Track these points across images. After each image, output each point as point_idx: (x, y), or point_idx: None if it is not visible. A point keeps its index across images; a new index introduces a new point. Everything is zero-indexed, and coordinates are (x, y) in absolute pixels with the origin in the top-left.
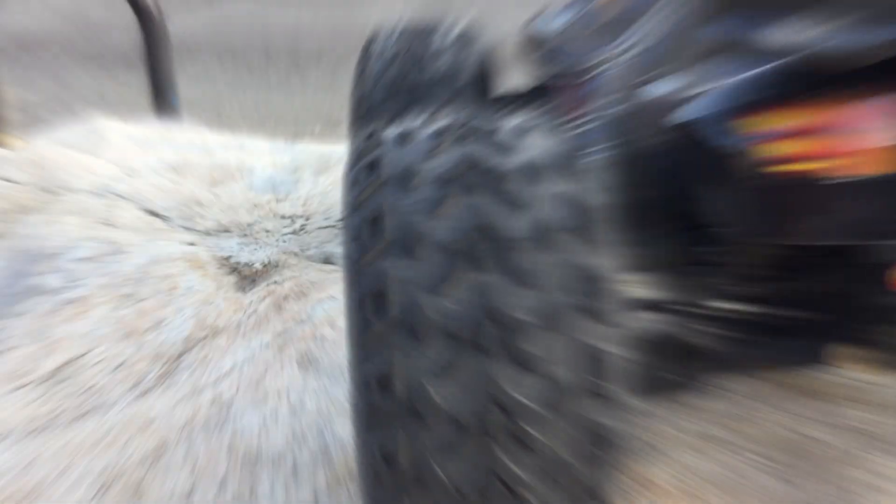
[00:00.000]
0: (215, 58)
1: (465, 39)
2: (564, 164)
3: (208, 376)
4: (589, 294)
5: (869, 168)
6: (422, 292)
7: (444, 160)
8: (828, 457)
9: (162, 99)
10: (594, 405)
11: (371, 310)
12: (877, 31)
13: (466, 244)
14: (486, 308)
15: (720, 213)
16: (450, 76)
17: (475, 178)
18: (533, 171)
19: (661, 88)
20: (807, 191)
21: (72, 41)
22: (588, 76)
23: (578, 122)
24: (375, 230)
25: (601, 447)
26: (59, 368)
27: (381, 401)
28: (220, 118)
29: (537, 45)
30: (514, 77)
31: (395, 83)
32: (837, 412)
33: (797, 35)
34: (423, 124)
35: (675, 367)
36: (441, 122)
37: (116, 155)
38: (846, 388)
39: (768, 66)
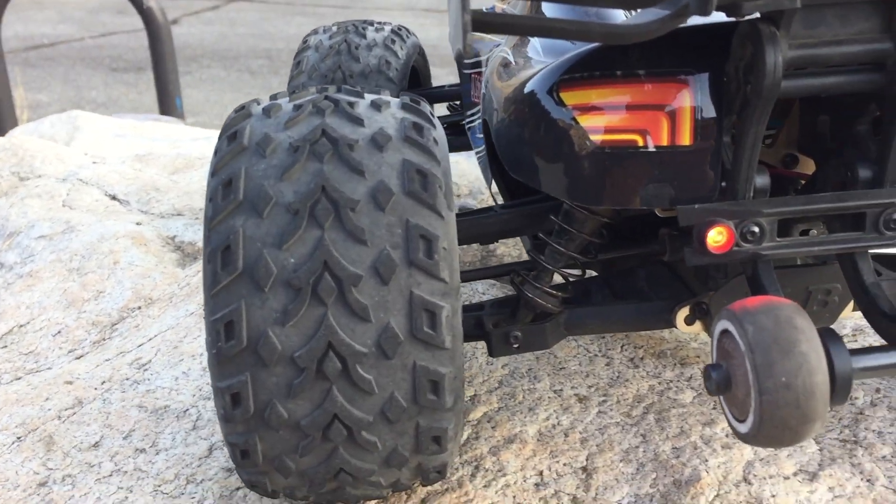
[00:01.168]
0: (220, 63)
1: (398, 35)
2: (410, 136)
3: (135, 341)
4: (421, 251)
5: (674, 139)
6: (267, 247)
7: (299, 129)
8: (687, 416)
9: (167, 101)
10: (425, 353)
11: (220, 264)
12: (655, 11)
13: (310, 204)
14: (324, 262)
15: (552, 181)
16: (380, 68)
17: (324, 145)
18: (378, 142)
19: (507, 64)
20: (620, 160)
21: (84, 46)
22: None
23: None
24: (228, 192)
25: (435, 392)
26: (3, 335)
27: (227, 347)
28: (222, 119)
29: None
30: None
31: (328, 74)
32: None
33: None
34: (290, 99)
35: (524, 327)
36: (307, 97)
37: (88, 145)
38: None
39: (591, 46)
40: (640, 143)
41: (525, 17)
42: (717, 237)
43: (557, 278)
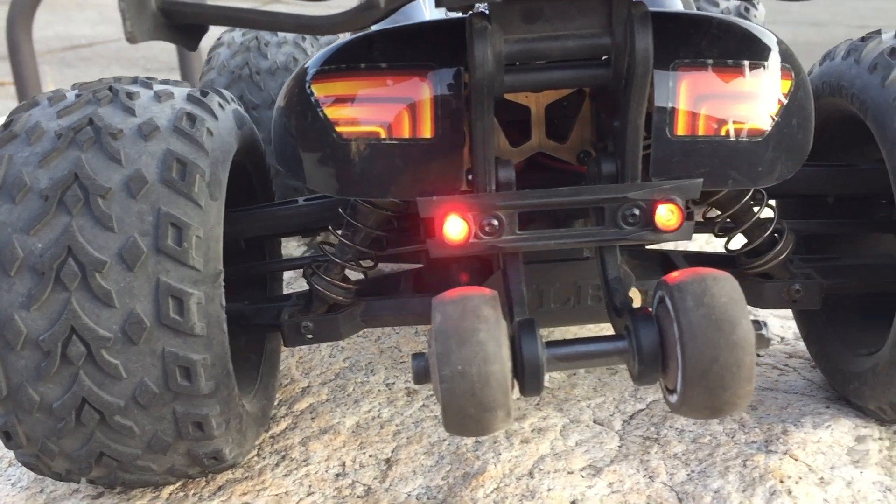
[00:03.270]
0: None
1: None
2: (179, 127)
3: None
4: (170, 238)
5: (415, 132)
6: (16, 232)
7: (70, 118)
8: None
9: None
10: (175, 339)
11: None
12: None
13: (61, 191)
14: (68, 247)
15: (308, 173)
16: (288, 65)
17: (86, 134)
18: (143, 131)
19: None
20: (365, 152)
21: (120, 47)
22: None
23: None
24: None
25: (188, 378)
26: None
27: None
28: None
29: None
30: None
31: (236, 70)
32: None
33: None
34: (78, 89)
35: (316, 318)
36: (92, 87)
37: None
38: None
39: (346, 39)
40: (383, 136)
41: (213, 7)
42: (455, 229)
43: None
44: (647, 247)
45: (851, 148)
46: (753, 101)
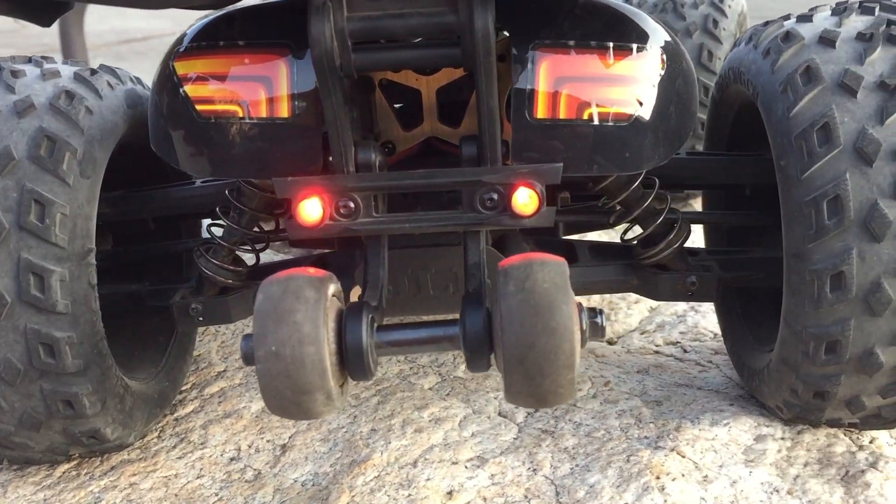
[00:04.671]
0: None
1: None
2: (55, 105)
3: None
4: (33, 215)
5: (272, 111)
6: None
7: None
8: (408, 400)
9: None
10: (37, 316)
11: None
12: None
13: None
14: None
15: (174, 153)
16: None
17: None
18: (17, 109)
19: None
20: (224, 131)
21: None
22: None
23: None
24: None
25: (52, 356)
26: None
27: None
28: None
29: None
30: None
31: None
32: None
33: None
34: None
35: (206, 300)
36: None
37: None
38: None
39: (209, 17)
40: (241, 114)
41: None
42: (310, 211)
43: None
44: (564, 237)
45: (762, 137)
46: (619, 85)
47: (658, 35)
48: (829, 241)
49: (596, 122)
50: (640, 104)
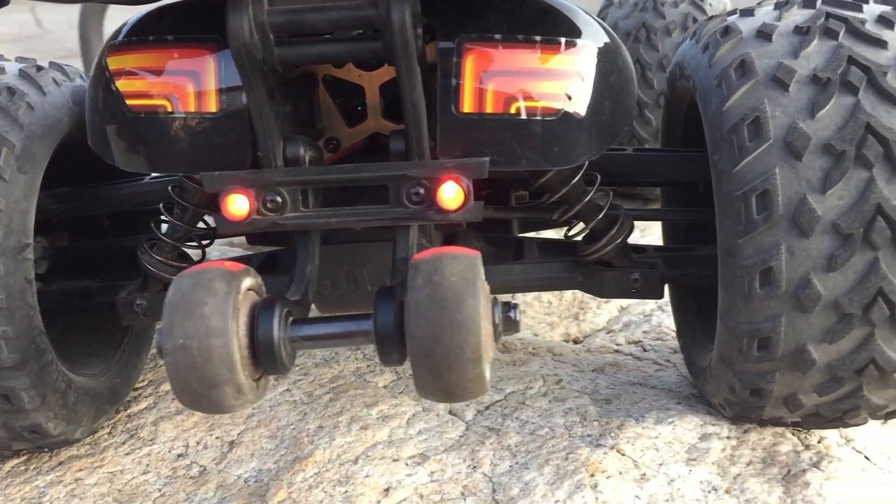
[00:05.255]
0: None
1: None
2: None
3: None
4: None
5: (200, 106)
6: None
7: None
8: (360, 397)
9: None
10: None
11: None
12: None
13: None
14: None
15: (108, 148)
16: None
17: None
18: None
19: None
20: (154, 126)
21: None
22: None
23: None
24: None
25: None
26: None
27: None
28: None
29: None
30: None
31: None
32: None
33: None
34: None
35: (151, 296)
36: None
37: None
38: None
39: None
40: (169, 109)
41: None
42: (237, 205)
43: None
44: (521, 234)
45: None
46: (547, 79)
47: (590, 30)
48: (758, 236)
49: (523, 116)
50: (569, 99)
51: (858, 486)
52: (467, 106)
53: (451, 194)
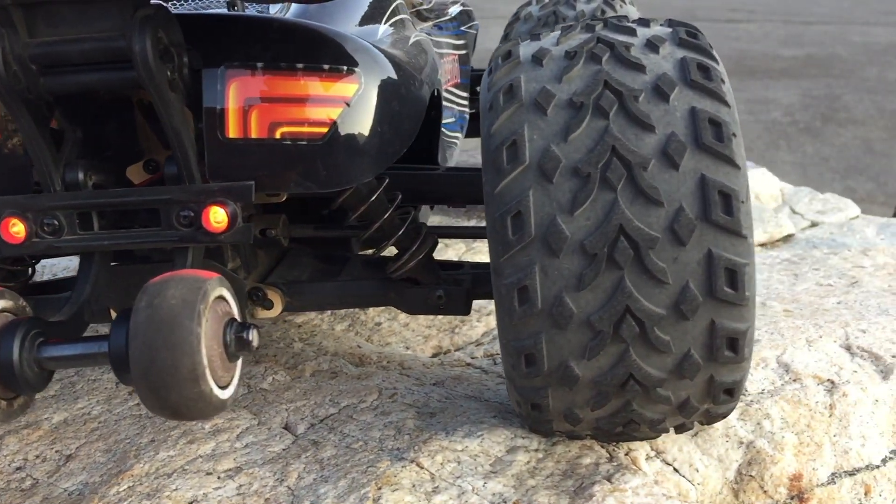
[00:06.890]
0: None
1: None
2: None
3: None
4: None
5: None
6: None
7: None
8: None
9: None
10: None
11: None
12: None
13: None
14: None
15: None
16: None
17: None
18: None
19: None
20: None
21: None
22: None
23: None
24: None
25: None
26: None
27: None
28: None
29: None
30: None
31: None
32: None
33: None
34: None
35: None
36: None
37: None
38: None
39: None
40: None
41: None
42: (14, 229)
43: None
44: (357, 252)
45: None
46: (311, 106)
47: (364, 58)
48: (515, 255)
49: (288, 140)
50: (335, 124)
51: (641, 499)
52: (232, 131)
53: (218, 217)
